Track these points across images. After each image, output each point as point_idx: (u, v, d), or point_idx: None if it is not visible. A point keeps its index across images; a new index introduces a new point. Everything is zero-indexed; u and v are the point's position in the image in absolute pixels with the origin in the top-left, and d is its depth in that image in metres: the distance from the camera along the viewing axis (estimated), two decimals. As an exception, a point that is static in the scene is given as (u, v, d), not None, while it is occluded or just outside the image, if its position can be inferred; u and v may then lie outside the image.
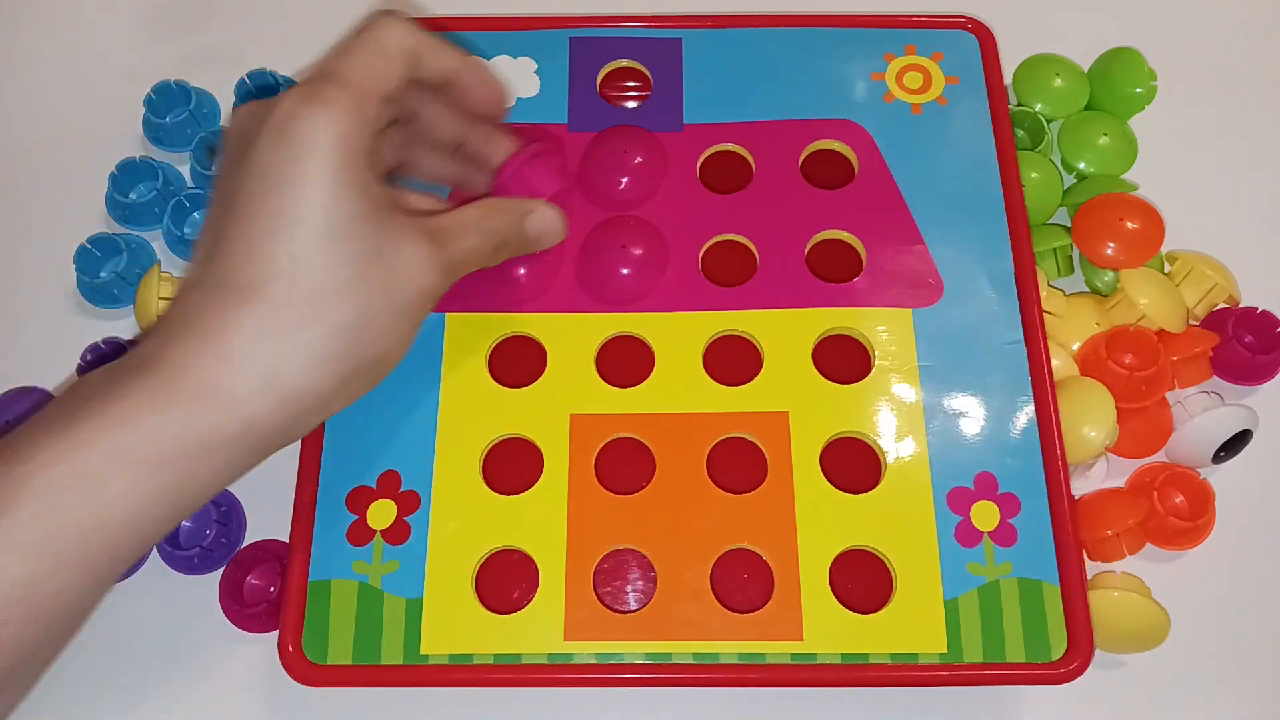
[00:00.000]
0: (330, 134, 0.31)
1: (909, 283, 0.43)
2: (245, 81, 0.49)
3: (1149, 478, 0.42)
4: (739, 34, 0.47)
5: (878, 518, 0.39)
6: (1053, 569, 0.38)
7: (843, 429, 0.40)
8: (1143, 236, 0.44)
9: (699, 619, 0.38)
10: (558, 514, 0.39)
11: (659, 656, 0.37)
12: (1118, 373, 0.42)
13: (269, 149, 0.31)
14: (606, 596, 0.38)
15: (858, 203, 0.44)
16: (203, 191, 0.47)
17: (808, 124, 0.45)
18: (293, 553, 0.39)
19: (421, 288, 0.33)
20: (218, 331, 0.30)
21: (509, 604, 0.38)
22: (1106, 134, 0.48)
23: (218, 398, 0.30)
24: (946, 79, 0.46)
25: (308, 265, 0.31)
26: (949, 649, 0.37)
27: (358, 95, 0.32)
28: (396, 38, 0.34)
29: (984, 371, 0.41)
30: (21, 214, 0.49)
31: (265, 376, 0.31)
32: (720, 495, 0.39)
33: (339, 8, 0.52)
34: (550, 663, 0.37)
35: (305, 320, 0.31)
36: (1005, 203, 0.44)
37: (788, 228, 0.44)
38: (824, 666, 0.37)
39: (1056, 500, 0.39)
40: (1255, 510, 0.43)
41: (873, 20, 0.48)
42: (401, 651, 0.37)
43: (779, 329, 0.42)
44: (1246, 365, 0.44)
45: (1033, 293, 0.42)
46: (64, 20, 0.54)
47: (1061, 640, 0.37)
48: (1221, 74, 0.52)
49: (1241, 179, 0.49)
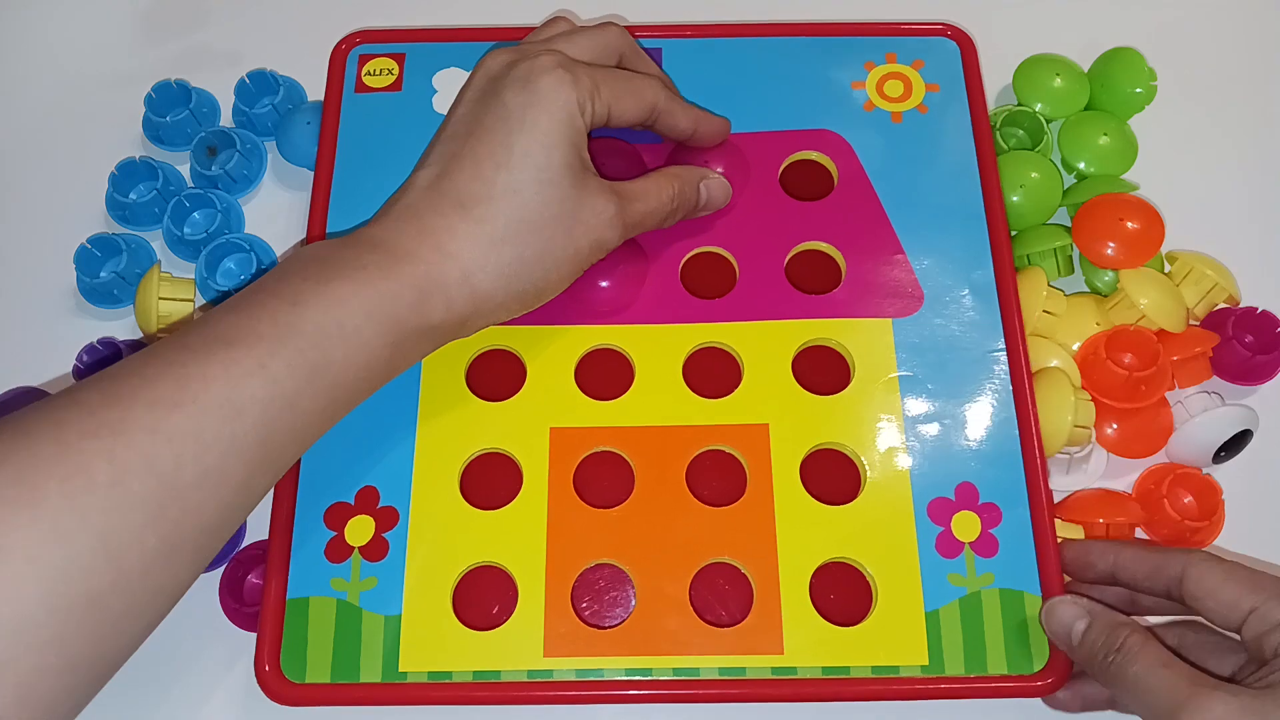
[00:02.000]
0: (565, 95, 0.37)
1: (889, 293, 0.42)
2: (245, 81, 0.49)
3: (1154, 483, 0.42)
4: (720, 44, 0.47)
5: (858, 529, 0.39)
6: (1034, 579, 0.38)
7: (823, 440, 0.40)
8: (1143, 236, 0.44)
9: (679, 633, 0.38)
10: (537, 529, 0.39)
11: (639, 672, 0.37)
12: (1118, 373, 0.41)
13: (513, 94, 0.37)
14: (586, 612, 0.38)
15: (837, 213, 0.44)
16: (203, 191, 0.47)
17: (788, 135, 0.45)
18: (270, 570, 0.38)
19: (597, 240, 0.38)
20: (435, 230, 0.36)
21: (488, 620, 0.38)
22: (1106, 134, 0.48)
23: (432, 282, 0.35)
24: (927, 86, 0.46)
25: (518, 198, 0.36)
26: (930, 661, 0.37)
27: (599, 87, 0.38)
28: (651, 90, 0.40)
29: (964, 381, 0.41)
30: (21, 214, 0.49)
31: (465, 276, 0.36)
32: (700, 508, 0.39)
33: (339, 7, 0.52)
34: (530, 680, 0.37)
35: (504, 240, 0.36)
36: (986, 210, 0.44)
37: (767, 239, 0.43)
38: (805, 680, 0.37)
39: (1038, 510, 0.39)
40: (1256, 510, 0.43)
41: (853, 29, 0.48)
42: (380, 669, 0.37)
43: (759, 341, 0.42)
44: (1246, 365, 0.44)
45: (1013, 301, 0.42)
46: (64, 20, 0.54)
47: (1043, 652, 0.37)
48: (1221, 74, 0.52)
49: (1241, 179, 0.49)
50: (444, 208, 0.36)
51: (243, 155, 0.48)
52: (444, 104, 0.46)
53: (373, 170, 0.45)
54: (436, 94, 0.46)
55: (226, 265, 0.46)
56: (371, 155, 0.45)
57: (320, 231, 0.43)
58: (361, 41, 0.47)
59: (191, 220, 0.48)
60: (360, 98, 0.46)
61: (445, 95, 0.46)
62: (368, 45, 0.47)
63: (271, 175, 0.49)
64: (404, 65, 0.47)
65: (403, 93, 0.46)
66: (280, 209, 0.48)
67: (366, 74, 0.47)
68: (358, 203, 0.44)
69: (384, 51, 0.47)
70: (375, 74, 0.47)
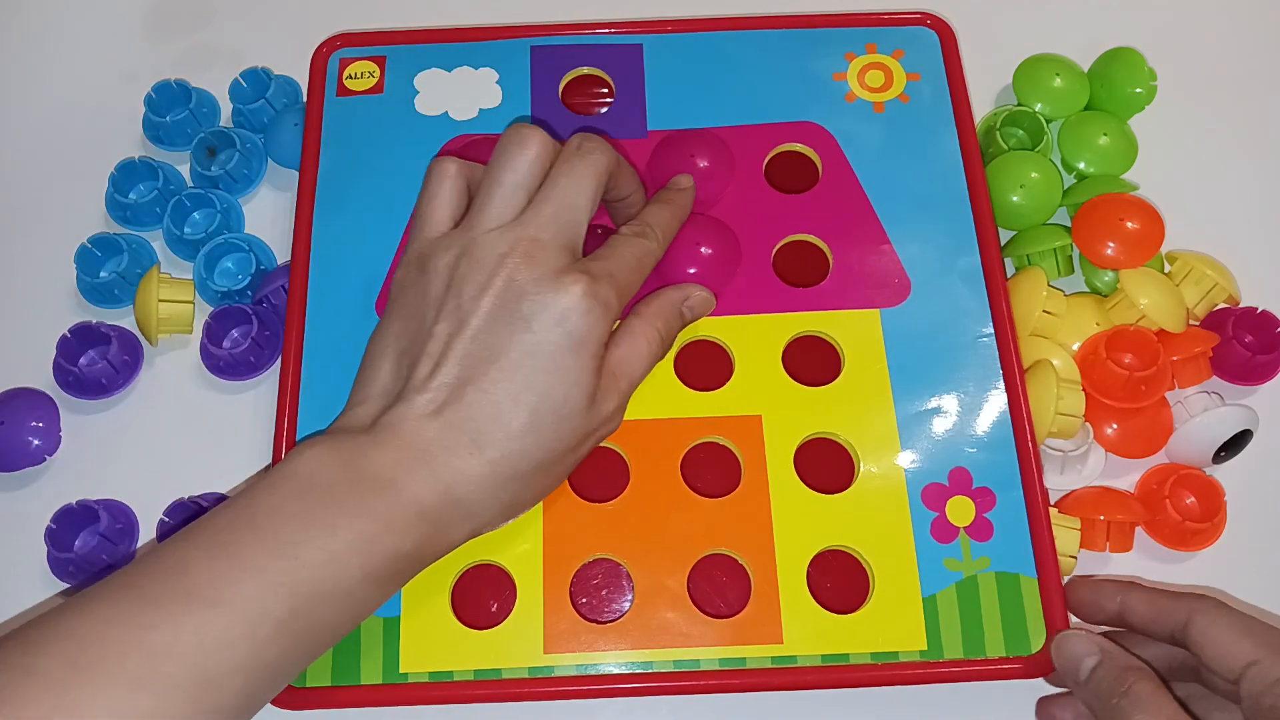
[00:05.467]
0: (599, 331, 0.35)
1: (876, 283, 0.43)
2: (240, 82, 0.49)
3: (1156, 483, 0.42)
4: (700, 38, 0.47)
5: (853, 517, 0.39)
6: (1029, 561, 0.38)
7: (816, 430, 0.40)
8: (1143, 236, 0.44)
9: (678, 626, 0.38)
10: (533, 525, 0.39)
11: (640, 665, 0.37)
12: (1118, 373, 0.41)
13: (545, 329, 0.34)
14: (585, 607, 0.38)
15: (822, 205, 0.44)
16: (203, 191, 0.47)
17: (771, 128, 0.46)
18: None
19: (604, 435, 0.38)
20: (447, 471, 0.33)
21: (487, 619, 0.38)
22: (1106, 134, 0.48)
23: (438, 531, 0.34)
24: (908, 76, 0.47)
25: (535, 440, 0.34)
26: (929, 646, 0.37)
27: (621, 296, 0.36)
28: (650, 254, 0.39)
29: (954, 367, 0.41)
30: (21, 214, 0.49)
31: (468, 515, 0.34)
32: (696, 500, 0.39)
33: (338, 7, 0.52)
34: (531, 676, 0.37)
35: (513, 478, 0.34)
36: (970, 196, 0.44)
37: (754, 233, 0.44)
38: (804, 669, 0.37)
39: (1031, 492, 0.39)
40: (1257, 510, 0.43)
41: (833, 20, 0.48)
42: (381, 671, 0.37)
43: (749, 334, 0.42)
44: (1246, 365, 0.44)
45: (1000, 286, 0.42)
46: (64, 20, 0.54)
47: (1040, 632, 0.37)
48: (1221, 74, 0.52)
49: (1241, 179, 0.49)
50: (457, 446, 0.33)
51: (243, 155, 0.47)
52: (425, 105, 0.46)
53: (356, 174, 0.45)
54: (418, 95, 0.46)
55: (225, 265, 0.46)
56: (355, 159, 0.45)
57: (306, 235, 0.43)
58: (342, 45, 0.47)
59: (191, 220, 0.47)
60: (342, 101, 0.46)
61: (426, 97, 0.46)
62: (348, 49, 0.47)
63: (271, 175, 0.49)
64: (385, 68, 0.47)
65: (384, 95, 0.46)
66: (281, 209, 0.48)
67: (348, 77, 0.47)
68: (343, 206, 0.44)
69: (365, 54, 0.47)
70: (356, 77, 0.47)
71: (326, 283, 0.43)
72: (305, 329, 0.42)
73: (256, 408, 0.44)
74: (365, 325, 0.41)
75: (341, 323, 0.42)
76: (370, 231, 0.44)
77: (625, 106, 0.46)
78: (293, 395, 0.41)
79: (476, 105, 0.46)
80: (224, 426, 0.44)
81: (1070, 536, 0.39)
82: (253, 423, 0.44)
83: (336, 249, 0.43)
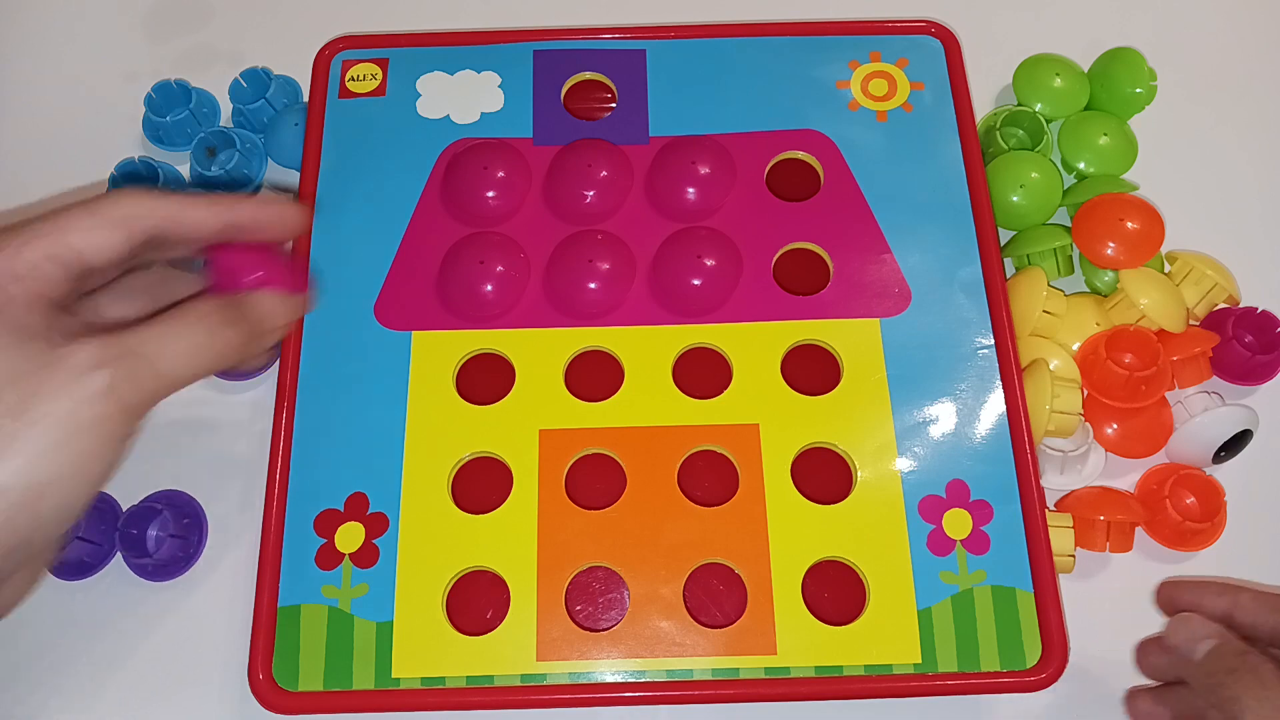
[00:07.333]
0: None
1: (876, 293, 0.42)
2: (240, 82, 0.49)
3: (1156, 483, 0.42)
4: (703, 44, 0.47)
5: (850, 528, 0.39)
6: (1026, 576, 0.38)
7: (813, 440, 0.40)
8: (1143, 236, 0.44)
9: (672, 635, 0.37)
10: (528, 532, 0.39)
11: (633, 674, 0.37)
12: (1118, 373, 0.41)
13: None
14: (579, 615, 0.38)
15: (824, 214, 0.44)
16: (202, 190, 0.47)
17: (773, 135, 0.45)
18: (261, 578, 0.38)
19: None
20: None
21: (481, 625, 0.38)
22: (1106, 134, 0.48)
23: None
24: (912, 85, 0.46)
25: None
26: (923, 659, 0.37)
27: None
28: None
29: (954, 378, 0.41)
30: (22, 214, 0.48)
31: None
32: (692, 509, 0.39)
33: (338, 7, 0.52)
34: (523, 684, 0.37)
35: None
36: (972, 206, 0.44)
37: (754, 241, 0.43)
38: (798, 680, 0.37)
39: (1029, 506, 0.39)
40: (1257, 510, 0.43)
41: (837, 27, 0.48)
42: (373, 676, 0.37)
43: (748, 342, 0.42)
44: (1246, 365, 0.44)
45: (1001, 297, 0.42)
46: (64, 20, 0.54)
47: (1036, 647, 0.37)
48: (1221, 74, 0.52)
49: (1241, 179, 0.49)
50: None
51: (243, 155, 0.47)
52: (428, 108, 0.46)
53: (357, 176, 0.45)
54: (420, 98, 0.46)
55: None
56: (356, 161, 0.45)
57: (305, 239, 0.43)
58: (345, 47, 0.47)
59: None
60: (344, 103, 0.46)
61: (429, 100, 0.46)
62: (351, 50, 0.47)
63: (271, 175, 0.49)
64: (387, 70, 0.47)
65: (386, 98, 0.46)
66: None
67: (350, 79, 0.47)
68: (343, 208, 0.44)
69: (367, 57, 0.47)
70: (359, 79, 0.47)
71: (326, 284, 0.43)
72: (305, 330, 0.42)
73: (256, 408, 0.44)
74: (365, 326, 0.41)
75: (341, 324, 0.42)
76: (370, 233, 0.43)
77: (627, 112, 0.46)
78: (292, 395, 0.41)
79: (479, 109, 0.46)
80: (224, 426, 0.44)
81: (1065, 535, 0.39)
82: (252, 423, 0.44)
83: (336, 250, 0.43)
